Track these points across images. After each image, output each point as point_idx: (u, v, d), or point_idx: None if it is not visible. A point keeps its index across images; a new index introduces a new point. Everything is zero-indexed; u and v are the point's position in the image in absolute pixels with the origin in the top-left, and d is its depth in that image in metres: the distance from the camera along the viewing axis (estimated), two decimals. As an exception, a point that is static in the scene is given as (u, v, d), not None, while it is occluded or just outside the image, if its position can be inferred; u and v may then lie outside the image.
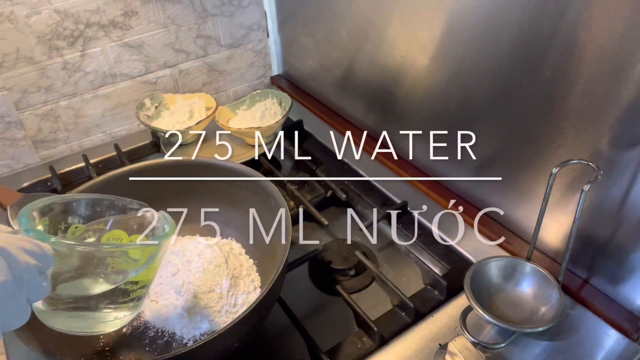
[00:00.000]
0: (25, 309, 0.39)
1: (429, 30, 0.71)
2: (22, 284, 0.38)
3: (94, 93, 0.93)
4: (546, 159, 0.62)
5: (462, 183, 0.77)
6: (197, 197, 0.71)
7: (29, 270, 0.38)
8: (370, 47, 0.84)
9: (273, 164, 0.91)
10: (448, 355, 0.53)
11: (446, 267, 0.69)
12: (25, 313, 0.39)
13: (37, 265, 0.39)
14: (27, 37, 0.82)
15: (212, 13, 0.99)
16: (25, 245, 0.39)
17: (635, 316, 0.59)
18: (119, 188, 0.68)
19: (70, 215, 0.52)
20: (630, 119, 0.52)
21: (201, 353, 0.48)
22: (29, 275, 0.38)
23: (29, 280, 0.38)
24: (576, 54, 0.54)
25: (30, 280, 0.38)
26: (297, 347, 0.60)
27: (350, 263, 0.70)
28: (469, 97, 0.69)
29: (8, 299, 0.37)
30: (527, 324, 0.57)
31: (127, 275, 0.49)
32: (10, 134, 0.88)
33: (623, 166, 0.54)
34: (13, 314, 0.38)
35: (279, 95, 0.95)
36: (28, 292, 0.39)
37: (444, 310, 0.63)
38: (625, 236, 0.57)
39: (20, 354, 0.59)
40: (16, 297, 0.38)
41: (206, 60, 1.03)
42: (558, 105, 0.58)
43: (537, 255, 0.67)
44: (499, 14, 0.60)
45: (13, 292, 0.37)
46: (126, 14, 0.90)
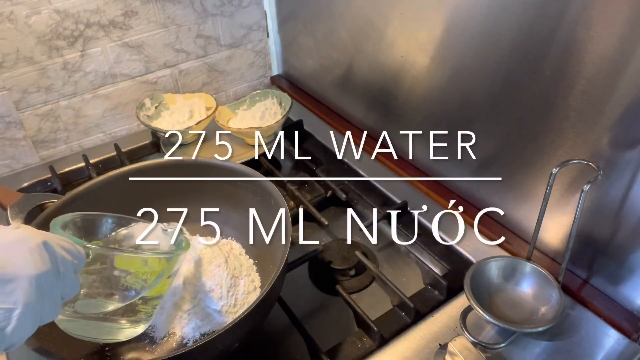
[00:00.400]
0: (57, 304, 0.42)
1: (429, 30, 0.71)
2: (59, 277, 0.41)
3: (94, 93, 0.93)
4: (546, 159, 0.62)
5: (462, 183, 0.77)
6: (197, 197, 0.71)
7: (66, 265, 0.41)
8: (370, 47, 0.84)
9: (273, 164, 0.91)
10: (448, 355, 0.53)
11: (446, 267, 0.69)
12: (57, 308, 0.42)
13: (72, 261, 0.42)
14: (27, 37, 0.82)
15: (212, 13, 0.99)
16: (62, 243, 0.42)
17: (635, 316, 0.59)
18: (119, 188, 0.68)
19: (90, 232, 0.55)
20: (630, 119, 0.52)
21: (201, 353, 0.48)
22: (65, 269, 0.41)
23: (65, 275, 0.41)
24: (576, 54, 0.54)
25: (66, 275, 0.41)
26: (297, 347, 0.60)
27: (350, 263, 0.70)
28: (469, 97, 0.69)
29: (47, 290, 0.39)
30: (527, 324, 0.57)
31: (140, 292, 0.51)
32: (10, 134, 0.88)
33: (623, 166, 0.54)
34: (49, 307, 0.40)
35: (279, 95, 0.95)
36: (63, 286, 0.41)
37: (444, 310, 0.63)
38: (625, 236, 0.57)
39: (20, 354, 0.59)
40: (54, 290, 0.40)
41: (206, 60, 1.03)
42: (558, 105, 0.58)
43: (537, 255, 0.67)
44: (499, 14, 0.60)
45: (52, 283, 0.40)
46: (126, 14, 0.90)
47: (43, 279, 0.38)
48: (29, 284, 0.37)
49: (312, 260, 0.71)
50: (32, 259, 0.38)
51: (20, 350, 0.58)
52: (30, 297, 0.37)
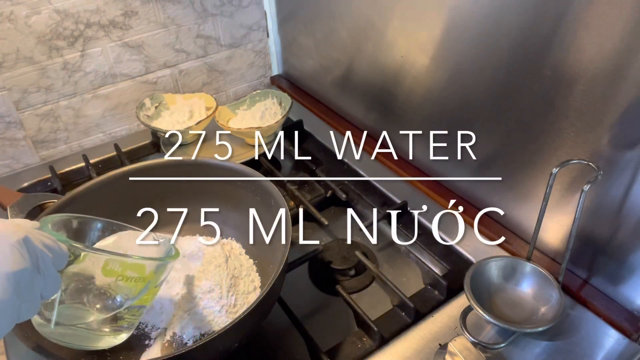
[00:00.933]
0: (36, 302, 0.41)
1: (429, 30, 0.71)
2: (39, 274, 0.40)
3: (94, 93, 0.93)
4: (546, 159, 0.62)
5: (462, 183, 0.77)
6: (197, 197, 0.71)
7: (46, 262, 0.41)
8: (370, 47, 0.84)
9: (273, 164, 0.90)
10: (448, 355, 0.53)
11: (446, 267, 0.69)
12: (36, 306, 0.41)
13: (53, 259, 0.42)
14: (27, 37, 0.82)
15: (212, 13, 0.99)
16: (44, 240, 0.42)
17: (635, 316, 0.59)
18: (119, 188, 0.68)
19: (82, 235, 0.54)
20: (630, 119, 0.52)
21: (201, 353, 0.48)
22: (45, 267, 0.41)
23: (45, 272, 0.41)
24: (576, 54, 0.54)
25: (46, 272, 0.41)
26: (297, 347, 0.60)
27: (350, 263, 0.70)
28: (469, 97, 0.69)
29: (26, 287, 0.39)
30: (527, 324, 0.57)
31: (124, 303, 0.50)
32: (10, 134, 0.88)
33: (623, 166, 0.54)
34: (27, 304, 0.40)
35: (279, 95, 0.95)
36: (44, 284, 0.41)
37: (444, 310, 0.63)
38: (625, 236, 0.57)
39: (20, 354, 0.59)
40: (33, 287, 0.40)
41: (206, 60, 1.03)
42: (558, 105, 0.58)
43: (537, 255, 0.67)
44: (499, 14, 0.60)
45: (31, 280, 0.39)
46: (126, 14, 0.90)
47: (21, 275, 0.38)
48: (6, 281, 0.37)
49: (312, 260, 0.71)
50: (11, 256, 0.38)
51: (20, 350, 0.59)
52: (7, 293, 0.37)
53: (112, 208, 0.68)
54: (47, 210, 0.62)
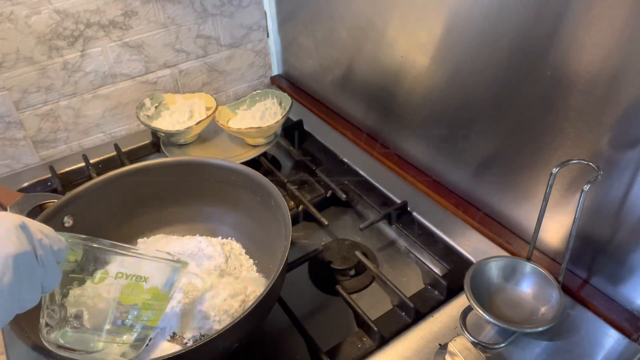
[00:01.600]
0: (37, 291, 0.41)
1: (429, 30, 0.71)
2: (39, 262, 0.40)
3: (94, 93, 0.93)
4: (546, 159, 0.62)
5: (462, 183, 0.77)
6: (197, 197, 0.71)
7: (45, 249, 0.41)
8: (370, 47, 0.84)
9: (273, 164, 0.90)
10: (448, 355, 0.53)
11: (446, 267, 0.69)
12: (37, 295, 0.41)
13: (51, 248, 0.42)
14: (27, 37, 0.82)
15: (212, 13, 0.99)
16: (41, 228, 0.42)
17: (635, 316, 0.59)
18: (119, 188, 0.68)
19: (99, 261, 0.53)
20: (630, 119, 0.52)
21: (201, 353, 0.48)
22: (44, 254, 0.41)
23: (45, 261, 0.41)
24: (576, 54, 0.54)
25: (46, 261, 0.41)
26: (297, 347, 0.60)
27: (350, 263, 0.70)
28: (469, 97, 0.69)
29: (26, 273, 0.39)
30: (527, 324, 0.57)
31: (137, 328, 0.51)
32: (10, 134, 0.88)
33: (623, 166, 0.54)
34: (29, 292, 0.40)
35: (279, 95, 0.95)
36: (44, 274, 0.41)
37: (444, 310, 0.63)
38: (625, 236, 0.57)
39: (20, 354, 0.59)
40: (33, 274, 0.40)
41: (206, 60, 1.03)
42: (558, 105, 0.58)
43: (537, 255, 0.67)
44: (499, 14, 0.60)
45: (31, 266, 0.39)
46: (126, 14, 0.90)
47: (21, 259, 0.38)
48: (5, 263, 0.37)
49: (312, 260, 0.71)
50: (8, 239, 0.38)
51: (20, 350, 0.59)
52: (7, 276, 0.37)
53: (112, 208, 0.68)
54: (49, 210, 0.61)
